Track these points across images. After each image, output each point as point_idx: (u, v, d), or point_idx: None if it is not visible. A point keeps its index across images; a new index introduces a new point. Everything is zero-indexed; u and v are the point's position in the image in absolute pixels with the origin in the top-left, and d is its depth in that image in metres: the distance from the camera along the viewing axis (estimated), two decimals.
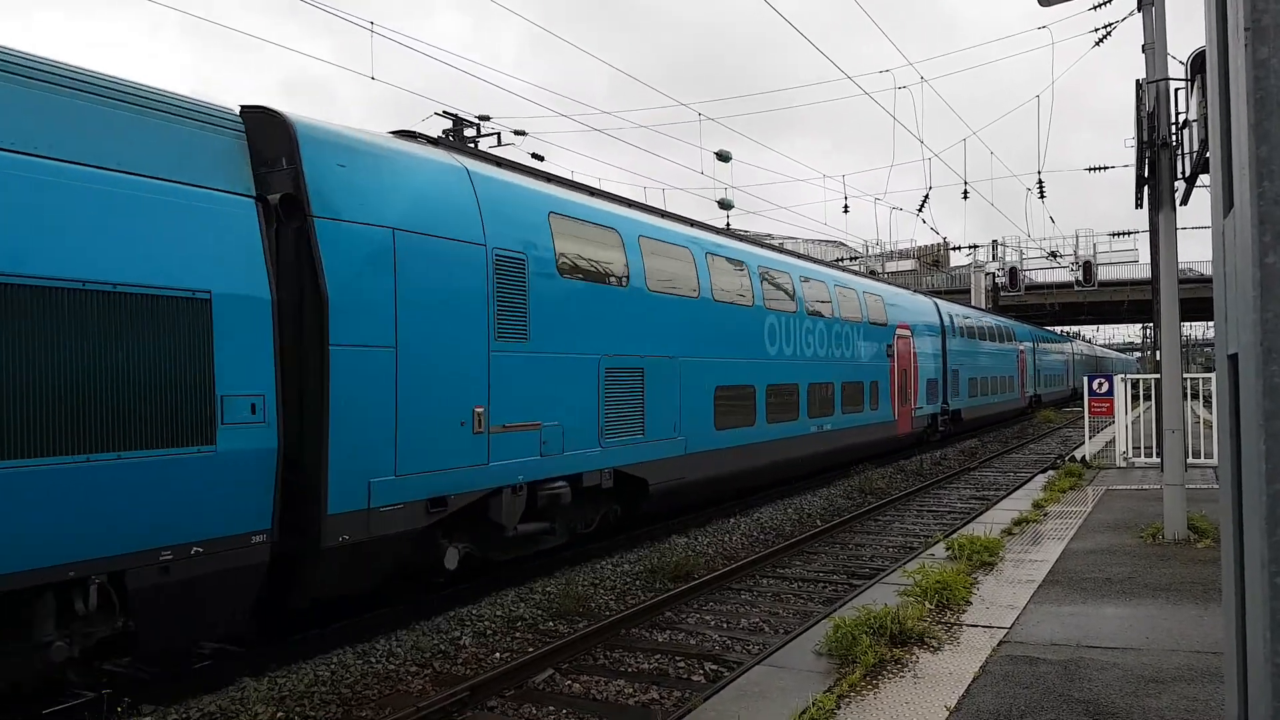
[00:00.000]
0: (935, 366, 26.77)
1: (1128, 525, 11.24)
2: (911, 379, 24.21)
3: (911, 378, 24.22)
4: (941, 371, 27.54)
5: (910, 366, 24.14)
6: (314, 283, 7.59)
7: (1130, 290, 51.15)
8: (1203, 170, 9.52)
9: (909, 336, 24.26)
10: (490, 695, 7.12)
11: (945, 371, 28.04)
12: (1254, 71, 1.65)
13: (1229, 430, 2.07)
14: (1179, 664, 6.00)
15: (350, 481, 7.72)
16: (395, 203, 8.41)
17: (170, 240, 6.34)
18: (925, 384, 25.61)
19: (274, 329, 7.07)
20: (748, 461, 15.22)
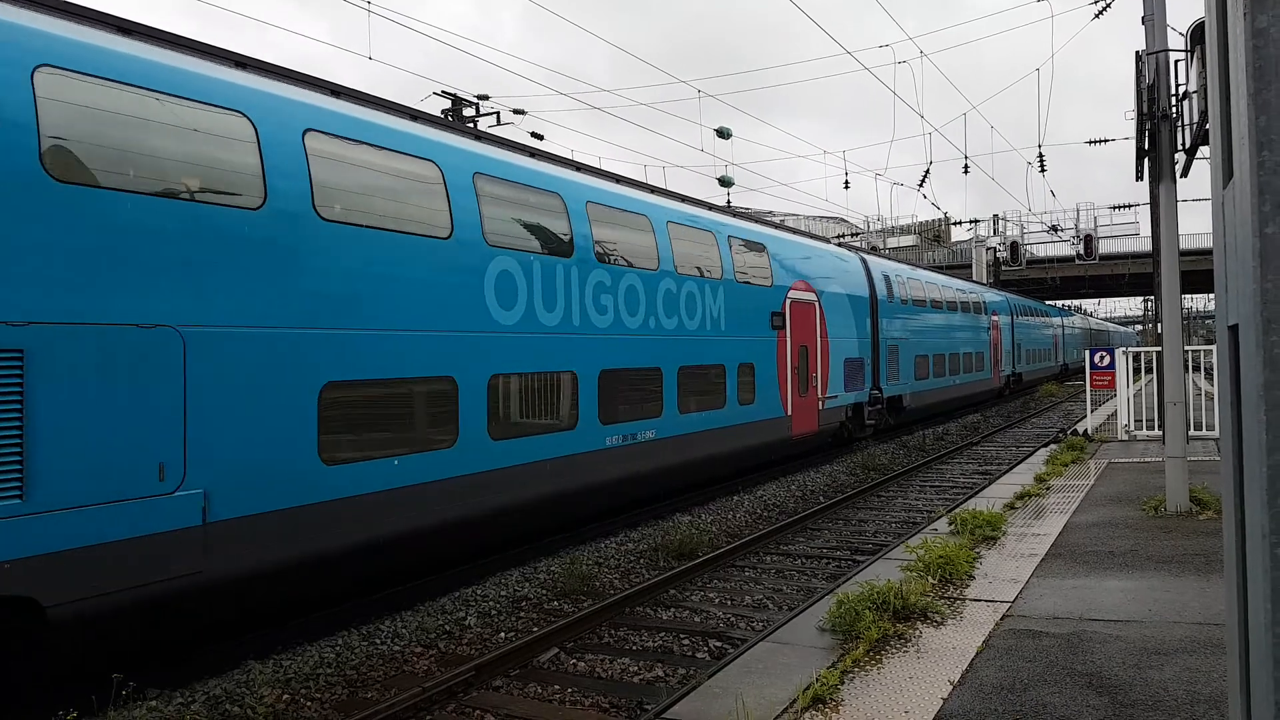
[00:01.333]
0: (860, 342, 20.74)
1: (1130, 498, 11.26)
2: (818, 359, 18.28)
3: (818, 358, 18.28)
4: (871, 348, 21.48)
5: (816, 342, 18.27)
6: None
7: (1131, 263, 51.05)
8: (1203, 142, 9.48)
9: (814, 302, 18.30)
10: (495, 675, 7.16)
11: (877, 348, 21.83)
12: (1253, 40, 1.63)
13: (1230, 402, 2.06)
14: (1181, 635, 6.03)
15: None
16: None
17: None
18: (842, 365, 19.56)
19: None
20: (415, 517, 8.70)
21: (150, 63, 7.00)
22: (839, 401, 19.44)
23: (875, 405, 21.56)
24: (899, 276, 24.61)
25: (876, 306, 22.05)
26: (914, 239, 63.15)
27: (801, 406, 17.47)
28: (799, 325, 17.49)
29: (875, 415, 21.65)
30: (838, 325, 19.48)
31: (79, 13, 6.97)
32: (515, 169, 10.82)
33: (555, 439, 10.72)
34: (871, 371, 21.54)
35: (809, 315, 18.06)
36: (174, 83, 7.04)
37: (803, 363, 17.62)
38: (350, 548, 7.99)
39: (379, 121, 9.02)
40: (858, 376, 20.57)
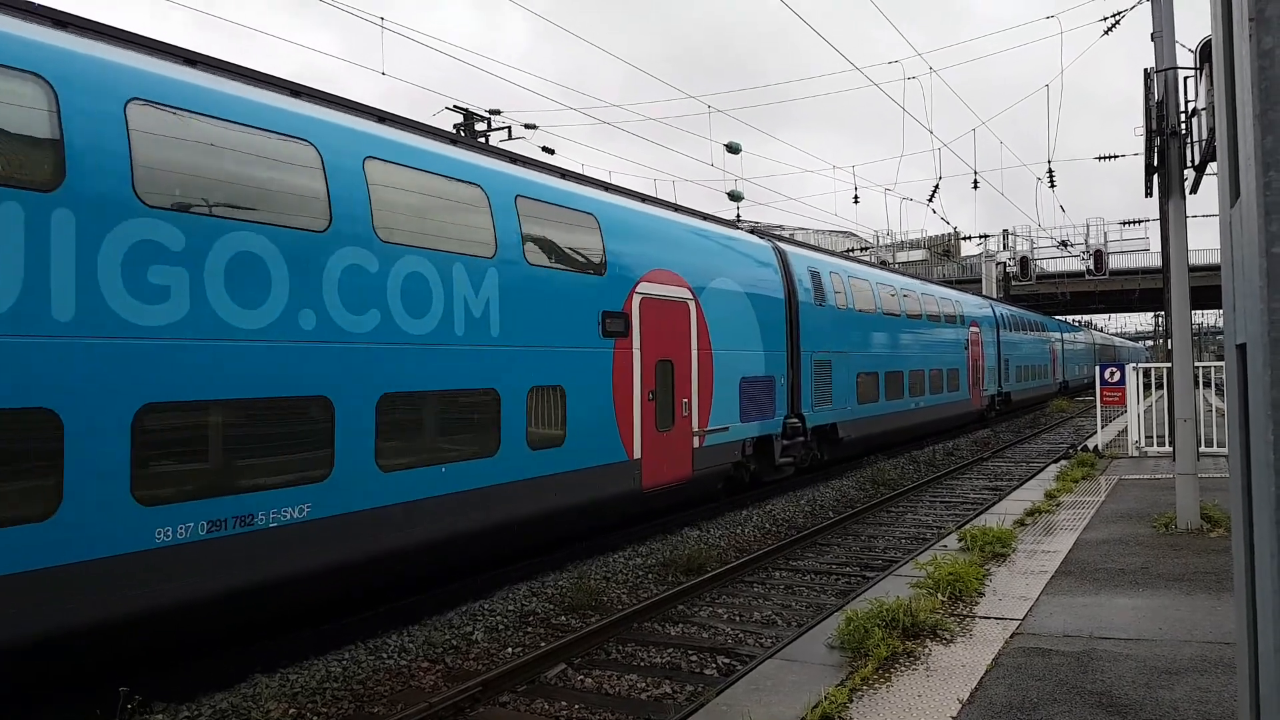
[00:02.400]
0: (770, 356, 15.90)
1: (1140, 515, 11.19)
2: (693, 379, 13.55)
3: (692, 377, 13.55)
4: (789, 364, 16.62)
5: (690, 356, 13.55)
6: None
7: (1141, 279, 50.95)
8: (1212, 158, 9.46)
9: (687, 301, 13.53)
10: (502, 690, 7.14)
11: (798, 363, 16.92)
12: (1259, 62, 1.64)
13: (1238, 420, 2.06)
14: (1192, 654, 5.99)
15: None
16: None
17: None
18: (737, 386, 14.77)
19: None
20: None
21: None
22: (731, 435, 14.43)
23: (795, 438, 16.66)
24: (834, 275, 19.33)
25: (796, 311, 16.94)
26: (923, 254, 63.20)
27: (661, 446, 12.60)
28: (657, 332, 12.57)
29: (795, 450, 16.74)
30: (730, 333, 14.53)
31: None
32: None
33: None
34: (789, 394, 16.51)
35: (676, 318, 13.17)
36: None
37: (664, 384, 12.73)
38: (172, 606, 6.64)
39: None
40: (765, 401, 15.52)
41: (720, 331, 14.20)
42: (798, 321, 16.98)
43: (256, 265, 7.37)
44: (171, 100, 7.08)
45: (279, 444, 7.60)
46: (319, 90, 9.10)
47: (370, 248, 8.38)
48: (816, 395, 17.59)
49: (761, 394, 15.46)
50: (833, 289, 18.98)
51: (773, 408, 15.85)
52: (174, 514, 6.67)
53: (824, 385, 17.97)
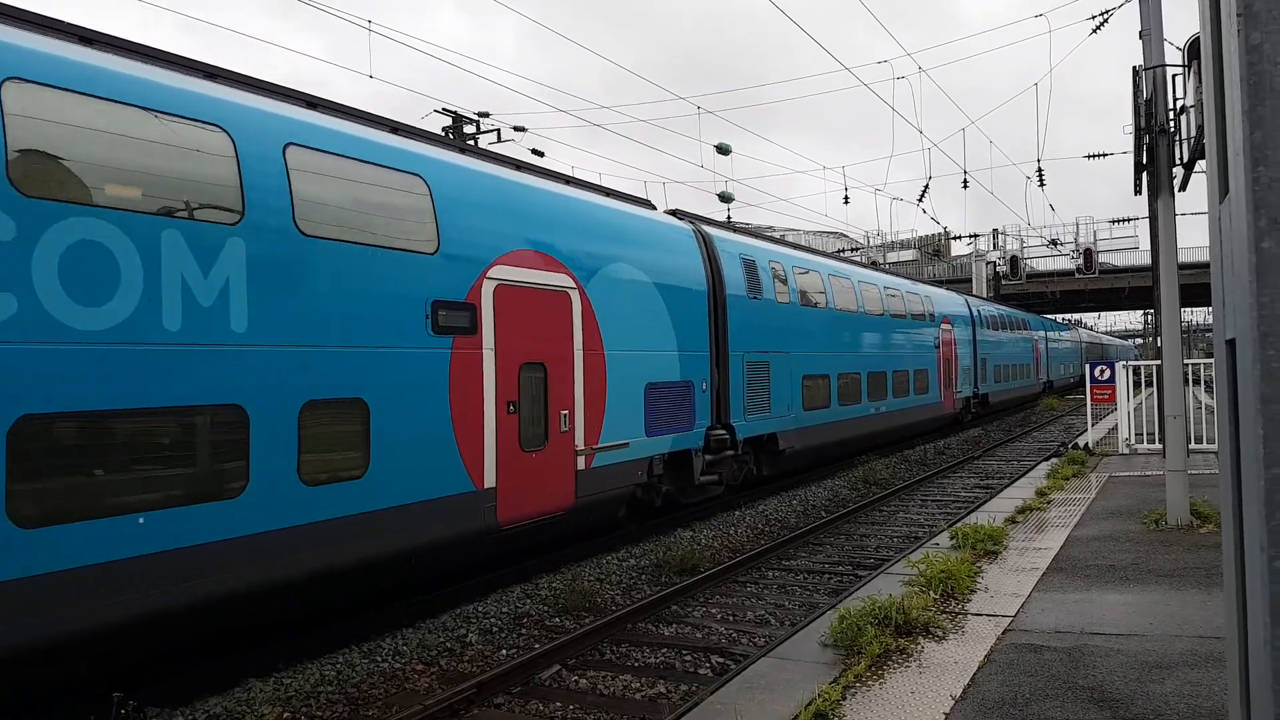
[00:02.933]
0: (687, 357, 13.58)
1: (1131, 511, 11.25)
2: (577, 387, 11.17)
3: (576, 384, 11.19)
4: (713, 365, 14.33)
5: (573, 358, 11.15)
6: None
7: (1131, 277, 51.22)
8: (1200, 156, 9.52)
9: (569, 290, 11.15)
10: (497, 692, 7.14)
11: (724, 365, 14.68)
12: (1247, 56, 1.64)
13: (1227, 415, 2.07)
14: (1183, 649, 6.01)
15: None
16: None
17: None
18: (642, 393, 12.50)
19: None
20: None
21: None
22: (633, 453, 12.03)
23: (722, 451, 14.28)
24: (775, 264, 16.87)
25: (723, 305, 14.62)
26: (914, 253, 63.37)
27: (528, 470, 10.06)
28: (523, 328, 10.11)
29: (723, 466, 14.48)
30: (631, 330, 12.15)
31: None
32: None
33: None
34: (713, 401, 14.19)
35: (553, 312, 10.69)
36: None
37: (532, 393, 10.25)
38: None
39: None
40: (679, 410, 13.16)
41: (617, 328, 11.69)
42: (725, 318, 14.58)
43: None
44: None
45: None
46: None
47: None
48: (750, 402, 15.18)
49: (675, 402, 13.02)
50: (772, 281, 16.45)
51: (691, 417, 13.42)
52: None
53: (760, 390, 15.57)
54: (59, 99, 6.34)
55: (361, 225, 8.47)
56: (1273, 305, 1.63)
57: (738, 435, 14.76)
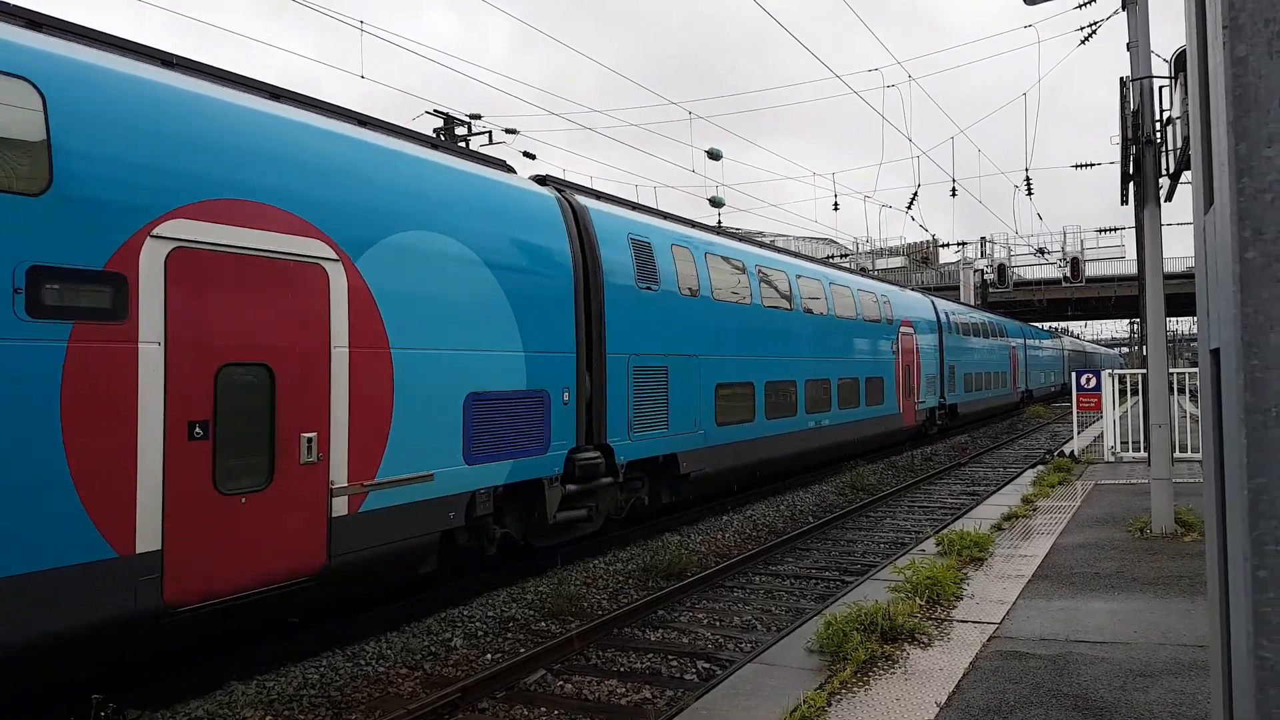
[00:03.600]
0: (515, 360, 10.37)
1: (1116, 520, 11.29)
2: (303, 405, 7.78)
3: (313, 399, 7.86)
4: (581, 374, 11.43)
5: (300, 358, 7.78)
6: None
7: (1117, 286, 51.50)
8: (1186, 167, 9.59)
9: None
10: (481, 697, 7.11)
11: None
12: (1232, 69, 1.66)
13: (1212, 425, 2.08)
14: (1167, 657, 6.04)
15: None
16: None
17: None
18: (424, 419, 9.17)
19: None
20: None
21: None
22: (440, 488, 9.00)
23: (594, 479, 11.41)
24: (679, 249, 13.95)
25: (598, 293, 11.74)
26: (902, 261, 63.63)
27: (231, 524, 7.03)
28: (227, 313, 7.15)
29: (598, 497, 11.77)
30: (443, 322, 9.21)
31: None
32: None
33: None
34: (582, 415, 11.29)
35: (291, 292, 7.68)
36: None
37: (246, 412, 7.29)
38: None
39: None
40: (525, 427, 10.29)
41: (415, 319, 8.69)
42: (602, 311, 11.69)
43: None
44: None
45: None
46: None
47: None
48: (639, 416, 12.37)
49: (518, 418, 10.08)
50: (674, 268, 13.56)
51: (543, 437, 10.50)
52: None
53: (653, 402, 12.72)
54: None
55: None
56: (1256, 315, 1.64)
57: (619, 458, 11.83)
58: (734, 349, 15.21)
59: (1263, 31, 1.64)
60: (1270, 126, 1.63)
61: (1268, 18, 1.63)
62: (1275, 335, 1.62)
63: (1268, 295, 1.63)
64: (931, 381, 27.28)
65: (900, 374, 24.21)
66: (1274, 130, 1.63)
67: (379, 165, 8.76)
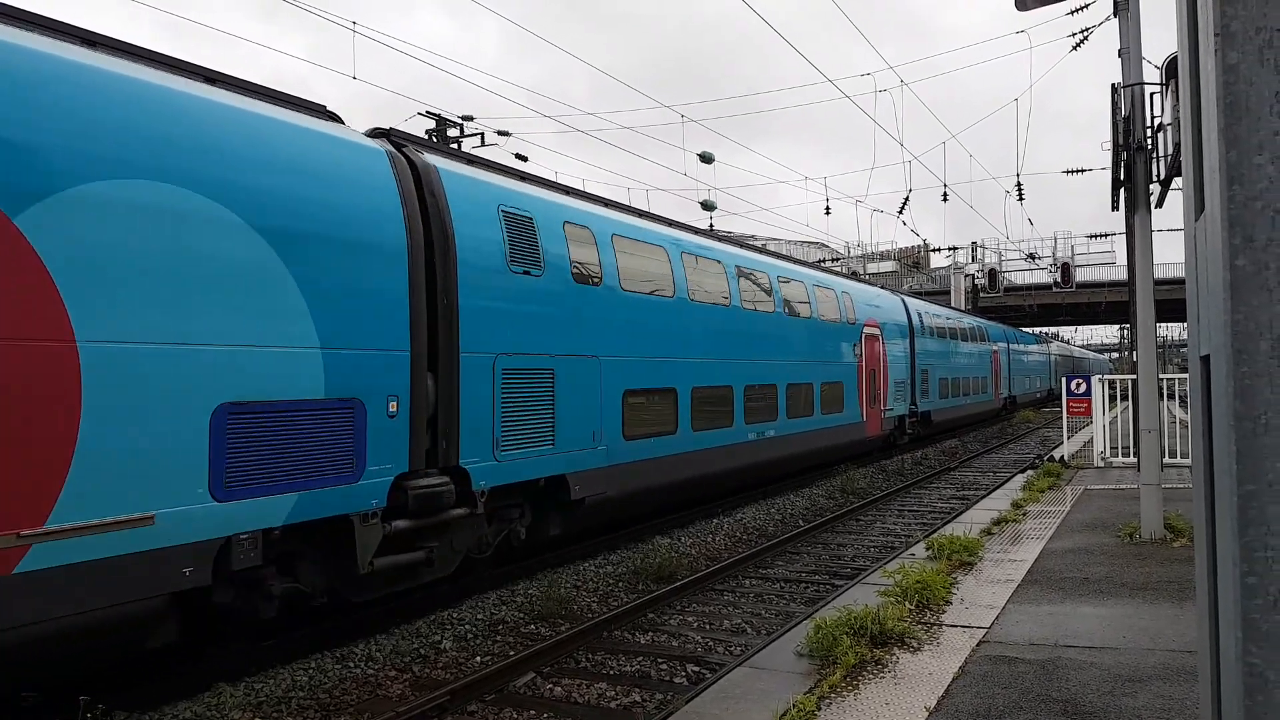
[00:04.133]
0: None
1: (1105, 525, 11.33)
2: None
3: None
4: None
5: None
6: None
7: (1108, 291, 51.73)
8: (1177, 173, 9.63)
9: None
10: (470, 699, 7.09)
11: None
12: (1224, 76, 1.66)
13: (1201, 431, 2.09)
14: (1155, 663, 6.05)
15: None
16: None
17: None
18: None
19: None
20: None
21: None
22: (168, 534, 6.58)
23: (439, 512, 9.00)
24: (568, 225, 11.50)
25: (453, 278, 9.41)
26: (893, 265, 63.79)
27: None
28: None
29: (439, 535, 9.17)
30: (172, 304, 6.83)
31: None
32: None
33: None
34: (416, 431, 8.74)
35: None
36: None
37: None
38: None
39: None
40: (324, 447, 7.80)
41: (124, 301, 6.46)
42: (454, 299, 9.33)
43: None
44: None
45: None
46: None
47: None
48: (510, 430, 9.92)
49: (311, 435, 7.61)
50: (566, 251, 11.22)
51: (353, 460, 7.97)
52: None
53: (534, 412, 10.37)
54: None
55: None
56: (1247, 322, 1.64)
57: (478, 483, 9.41)
58: (650, 349, 12.98)
59: (1254, 39, 1.64)
60: (1261, 134, 1.64)
61: (1259, 25, 1.64)
62: (1265, 342, 1.63)
63: (1258, 302, 1.64)
64: (901, 387, 25.26)
65: (864, 379, 22.06)
66: (1265, 138, 1.64)
67: (74, 89, 6.42)
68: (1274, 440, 1.61)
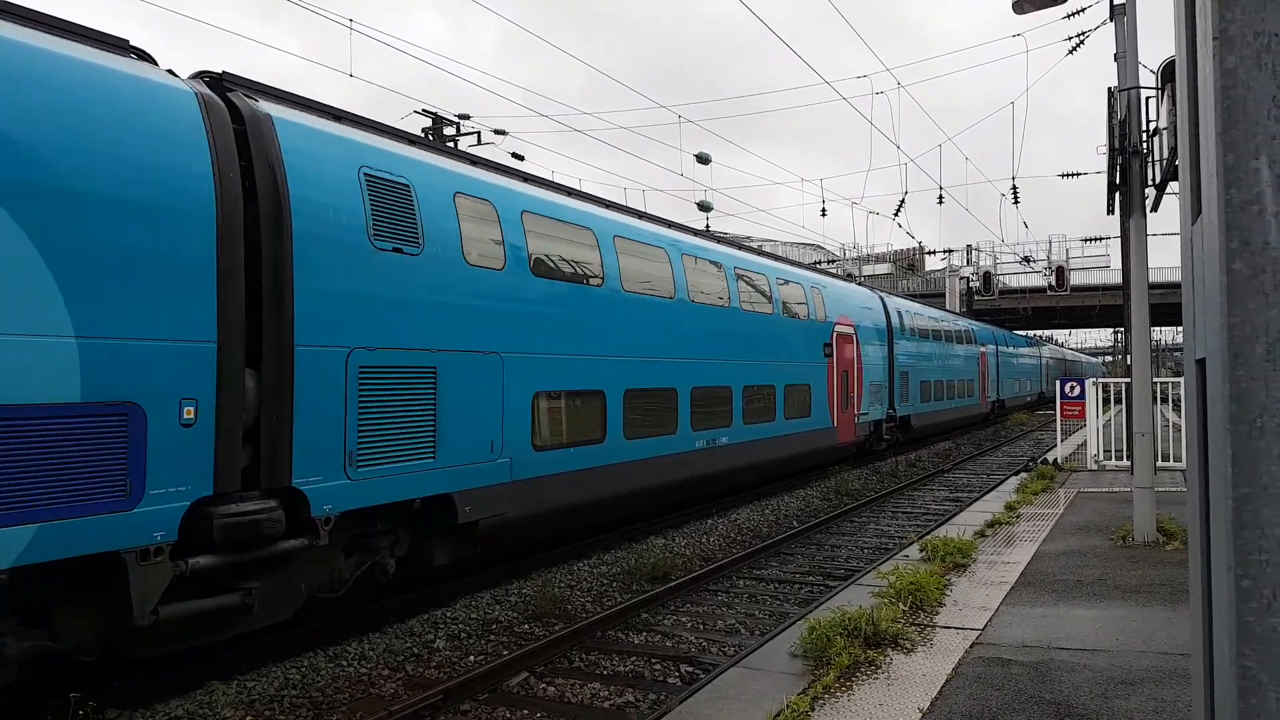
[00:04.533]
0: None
1: (1098, 527, 11.35)
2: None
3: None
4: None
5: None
6: None
7: (1102, 295, 51.81)
8: (1173, 177, 9.66)
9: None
10: (464, 699, 7.08)
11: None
12: (1221, 80, 1.67)
13: (1197, 434, 2.09)
14: (1148, 665, 6.07)
15: None
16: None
17: None
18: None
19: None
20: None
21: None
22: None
23: (267, 545, 7.16)
24: (459, 197, 9.71)
25: (285, 248, 7.54)
26: (889, 267, 63.90)
27: None
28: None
29: (264, 573, 7.27)
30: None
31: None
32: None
33: None
34: (225, 444, 6.89)
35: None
36: None
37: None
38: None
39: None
40: (69, 468, 5.84)
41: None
42: (289, 275, 7.54)
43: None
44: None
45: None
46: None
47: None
48: (371, 440, 8.17)
49: (51, 451, 5.79)
50: (457, 227, 9.49)
51: (125, 481, 6.21)
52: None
53: (406, 419, 8.60)
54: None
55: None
56: (1243, 326, 1.65)
57: (320, 508, 7.65)
58: (569, 346, 11.24)
59: (1252, 44, 1.65)
60: (1258, 138, 1.64)
61: (1257, 30, 1.64)
62: (1261, 346, 1.63)
63: (1254, 306, 1.64)
64: (878, 390, 23.77)
65: (835, 381, 20.46)
66: (1262, 142, 1.64)
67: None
68: (1269, 443, 1.62)
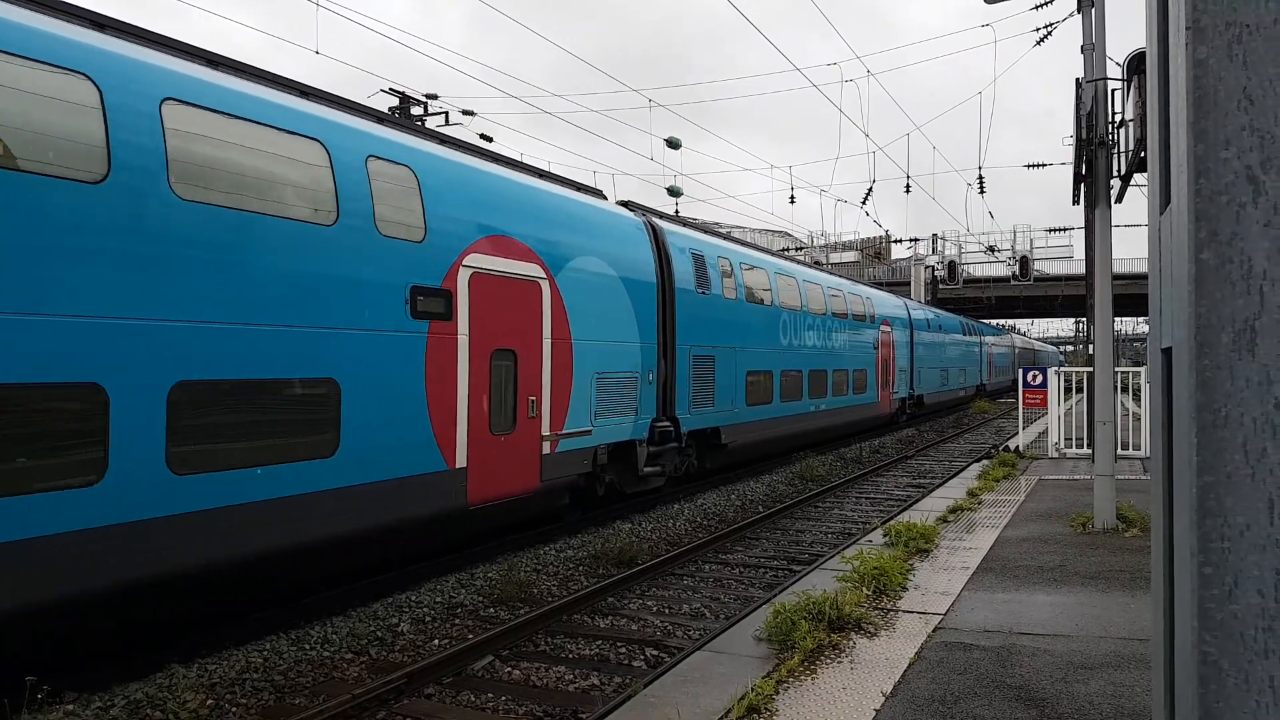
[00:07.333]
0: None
1: (1059, 514, 11.52)
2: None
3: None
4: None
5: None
6: None
7: (1065, 285, 52.48)
8: (1138, 169, 9.76)
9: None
10: (428, 682, 7.06)
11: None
12: (1193, 71, 1.67)
13: (1161, 423, 2.11)
14: (1107, 650, 6.17)
15: None
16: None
17: None
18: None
19: None
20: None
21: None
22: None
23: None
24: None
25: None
26: (855, 255, 64.25)
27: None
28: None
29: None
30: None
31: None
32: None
33: None
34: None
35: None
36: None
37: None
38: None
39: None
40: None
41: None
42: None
43: None
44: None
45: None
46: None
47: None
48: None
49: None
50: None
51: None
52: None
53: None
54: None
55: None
56: (1210, 315, 1.66)
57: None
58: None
59: (1224, 34, 1.65)
60: (1228, 129, 1.65)
61: (1229, 20, 1.65)
62: (1227, 335, 1.65)
63: (1221, 295, 1.65)
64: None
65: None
66: (1231, 133, 1.65)
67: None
68: (1233, 432, 1.63)
